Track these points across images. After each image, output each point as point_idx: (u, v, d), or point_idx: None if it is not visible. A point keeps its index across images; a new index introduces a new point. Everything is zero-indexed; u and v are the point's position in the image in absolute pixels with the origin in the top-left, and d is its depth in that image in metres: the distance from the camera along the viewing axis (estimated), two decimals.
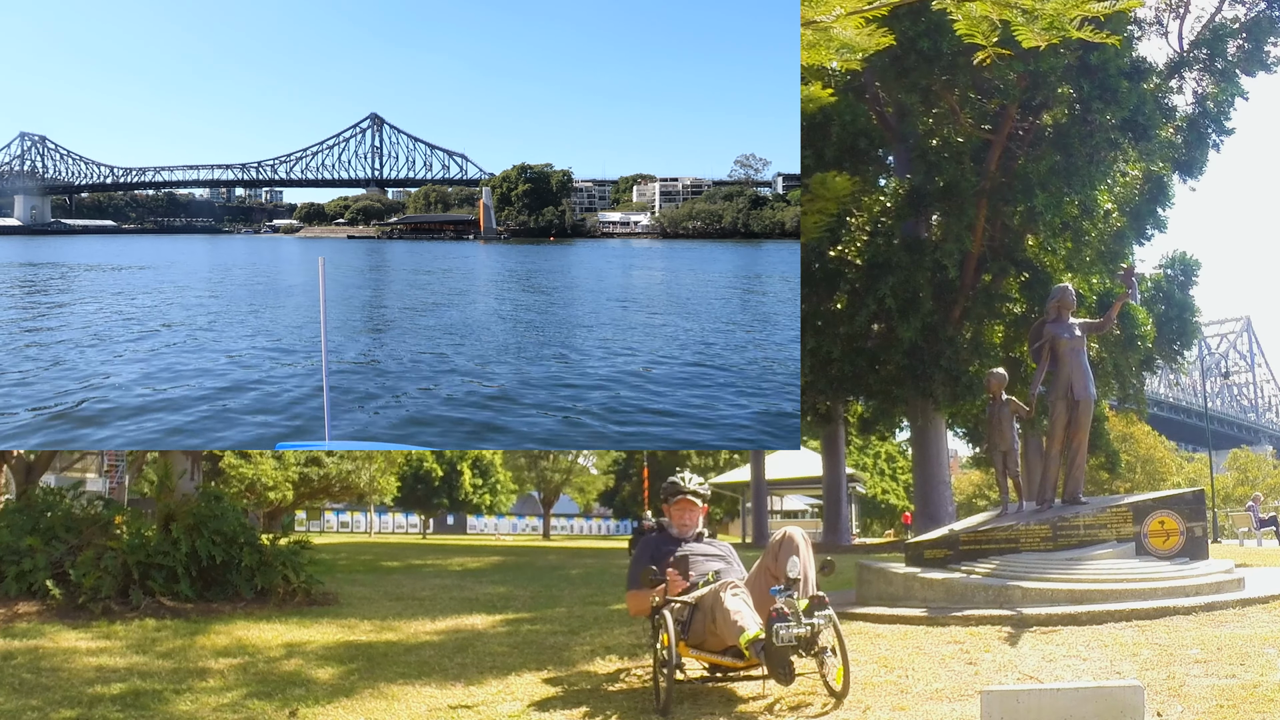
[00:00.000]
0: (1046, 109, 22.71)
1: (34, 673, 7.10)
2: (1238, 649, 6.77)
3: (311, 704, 6.32)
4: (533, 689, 6.78)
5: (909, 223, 24.60)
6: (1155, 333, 25.85)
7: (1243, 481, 75.25)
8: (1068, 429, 10.30)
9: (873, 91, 24.79)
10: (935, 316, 23.80)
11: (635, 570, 6.79)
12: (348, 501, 53.80)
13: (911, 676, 6.59)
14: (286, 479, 35.08)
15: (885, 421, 29.66)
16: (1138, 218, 24.96)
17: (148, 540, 10.47)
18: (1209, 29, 24.93)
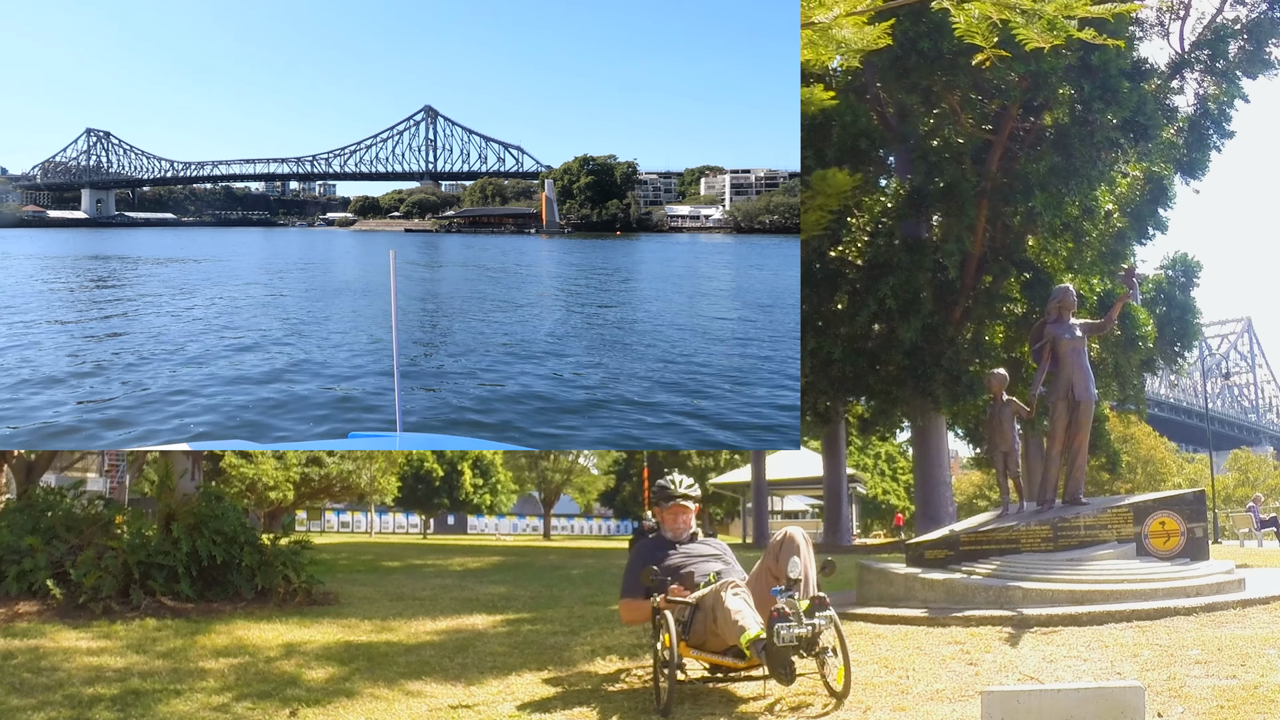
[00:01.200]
0: (1047, 109, 22.70)
1: (34, 672, 7.09)
2: (1238, 650, 6.77)
3: (312, 704, 6.32)
4: (533, 689, 6.79)
5: (909, 223, 24.60)
6: (1156, 333, 25.85)
7: (1243, 482, 75.23)
8: (1068, 430, 10.30)
9: (874, 92, 24.79)
10: (936, 317, 23.80)
11: (631, 577, 6.77)
12: (348, 501, 53.81)
13: (912, 677, 6.59)
14: (287, 479, 35.08)
15: (886, 422, 29.65)
16: (1138, 218, 24.96)
17: (148, 540, 10.48)
18: (1210, 30, 24.94)
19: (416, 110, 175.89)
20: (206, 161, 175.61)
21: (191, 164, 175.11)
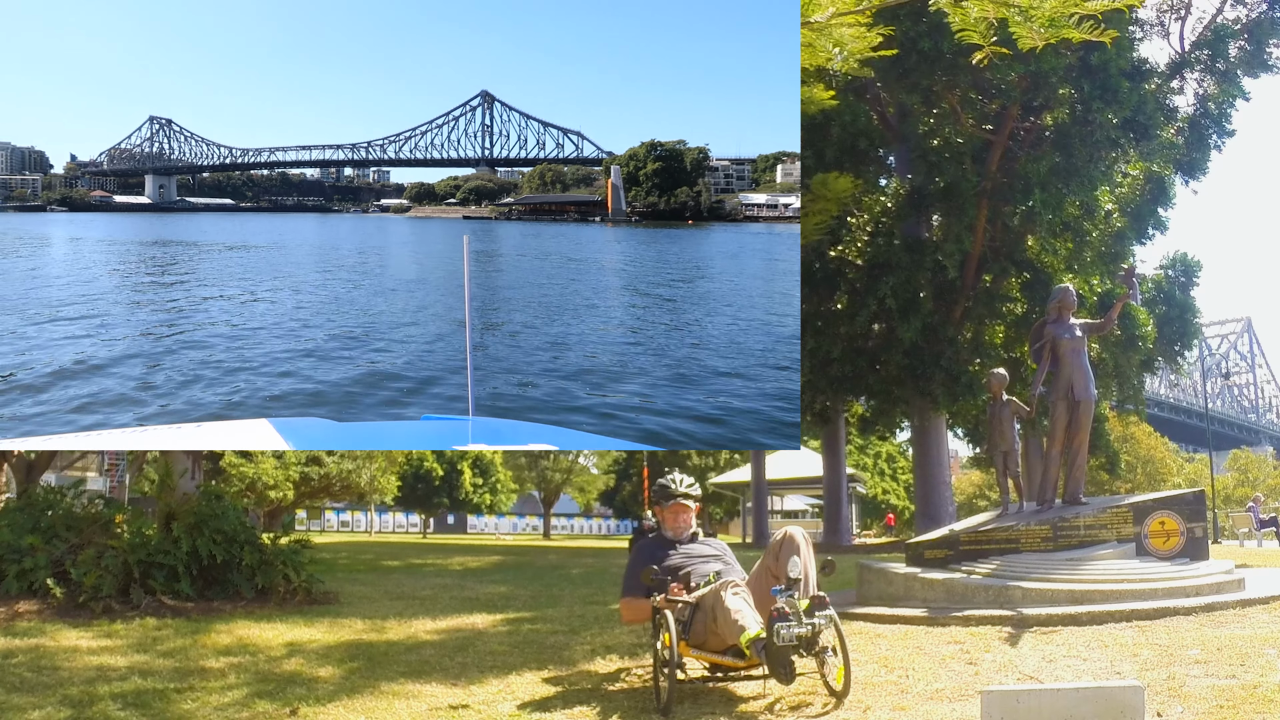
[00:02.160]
0: (1047, 109, 22.69)
1: (35, 671, 7.11)
2: (1238, 650, 6.79)
3: (313, 703, 6.33)
4: (533, 688, 6.80)
5: (909, 223, 24.60)
6: (1156, 333, 25.86)
7: (1243, 482, 75.21)
8: (1068, 430, 10.32)
9: (873, 92, 24.79)
10: (936, 317, 23.80)
11: (632, 576, 6.78)
12: (348, 501, 53.79)
13: (912, 676, 6.60)
14: (287, 478, 35.06)
15: (885, 421, 29.63)
16: (1138, 218, 24.97)
17: (148, 539, 10.50)
18: (1210, 30, 24.90)
19: (473, 96, 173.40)
20: (264, 148, 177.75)
21: (249, 150, 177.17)
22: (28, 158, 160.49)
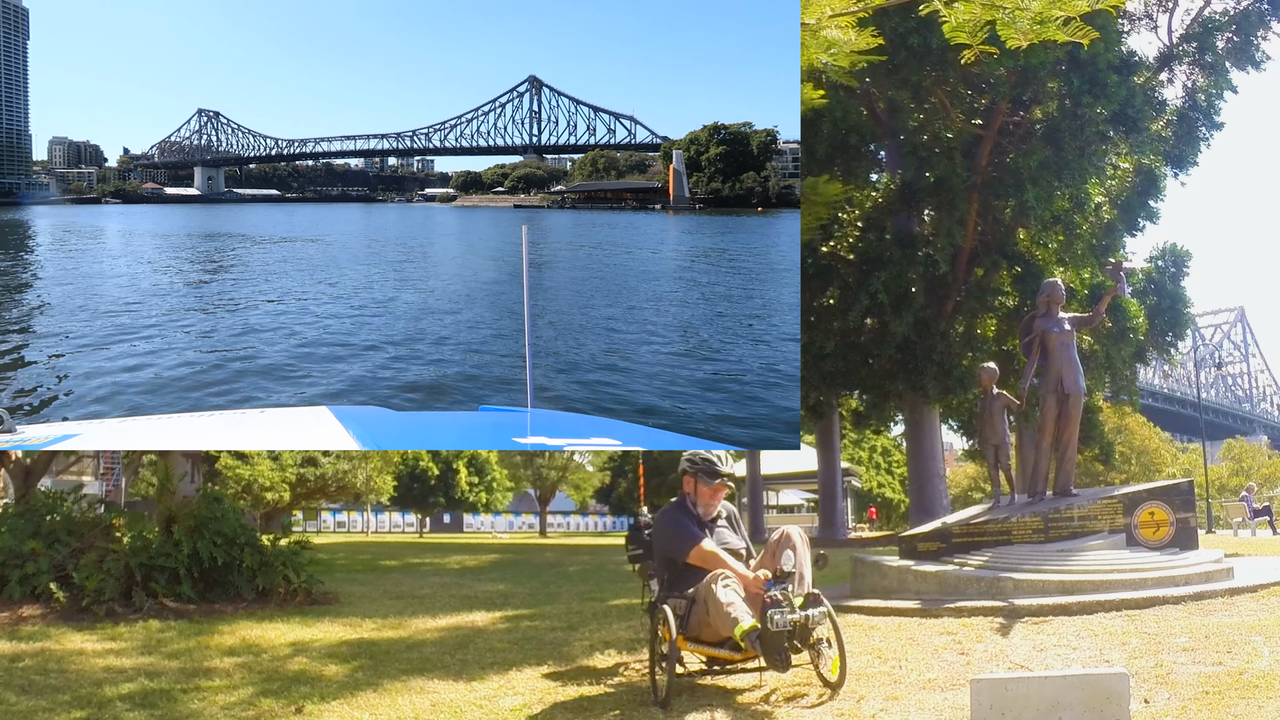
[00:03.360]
0: (1036, 104, 22.82)
1: (43, 674, 7.20)
2: (1225, 637, 6.90)
3: (318, 701, 6.44)
4: (534, 684, 6.90)
5: (900, 218, 24.69)
6: (1147, 325, 25.97)
7: (1237, 472, 75.31)
8: (1058, 422, 10.44)
9: (864, 88, 24.88)
10: (927, 311, 23.92)
11: (685, 534, 6.63)
12: (344, 501, 53.85)
13: (905, 667, 6.72)
14: (283, 480, 35.17)
15: (879, 416, 29.73)
16: (1129, 210, 25.11)
17: (149, 542, 10.58)
18: (1198, 23, 25.01)
19: (520, 81, 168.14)
20: (309, 139, 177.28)
21: (294, 141, 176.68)
22: (84, 151, 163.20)
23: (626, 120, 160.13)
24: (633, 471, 53.29)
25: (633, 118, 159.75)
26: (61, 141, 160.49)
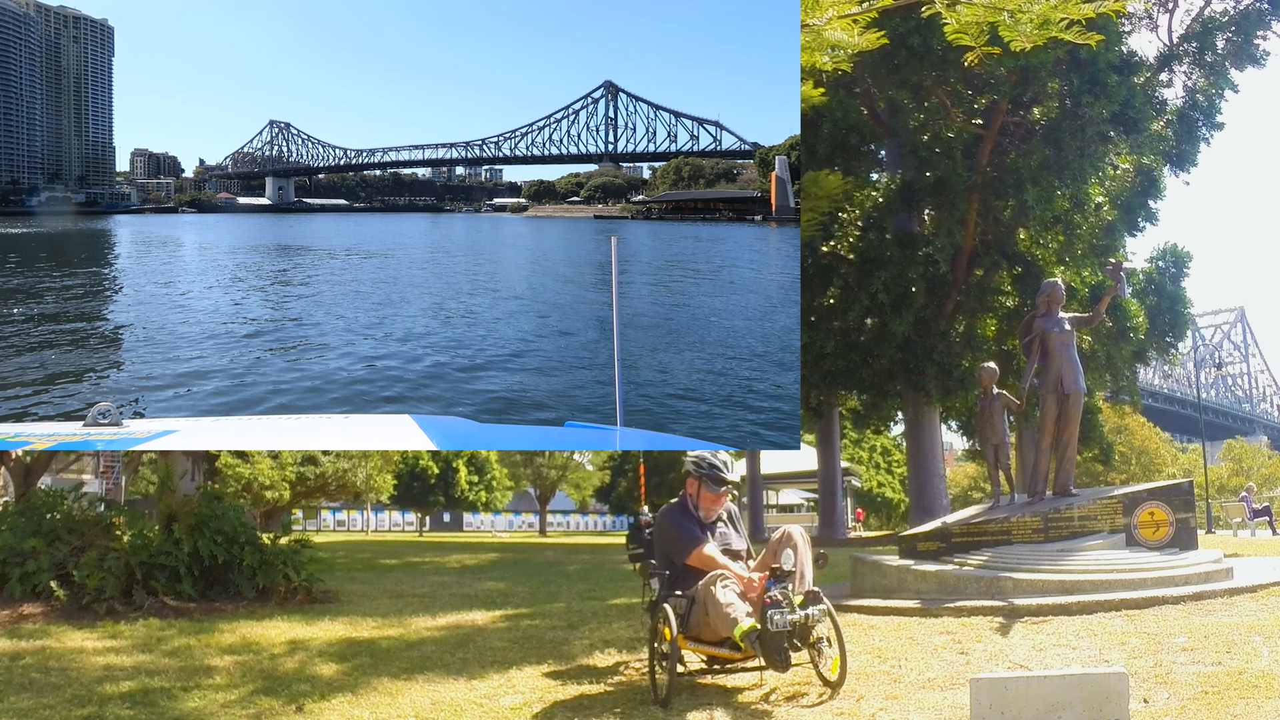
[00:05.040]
0: (1037, 104, 22.84)
1: (43, 672, 7.21)
2: (1224, 637, 6.91)
3: (319, 699, 6.45)
4: (534, 682, 6.91)
5: (901, 217, 24.72)
6: (1147, 325, 25.98)
7: (1237, 472, 75.29)
8: (1058, 422, 10.44)
9: (864, 87, 24.91)
10: (927, 311, 23.95)
11: (689, 533, 6.71)
12: (344, 500, 53.85)
13: (904, 666, 6.73)
14: (283, 478, 35.13)
15: (879, 415, 29.77)
16: (1129, 210, 25.11)
17: (150, 541, 10.59)
18: (1198, 22, 25.03)
19: (595, 87, 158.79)
20: (376, 149, 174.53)
21: (363, 151, 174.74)
22: (162, 163, 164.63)
23: (711, 126, 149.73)
24: (632, 471, 53.30)
25: (718, 123, 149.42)
26: (142, 154, 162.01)
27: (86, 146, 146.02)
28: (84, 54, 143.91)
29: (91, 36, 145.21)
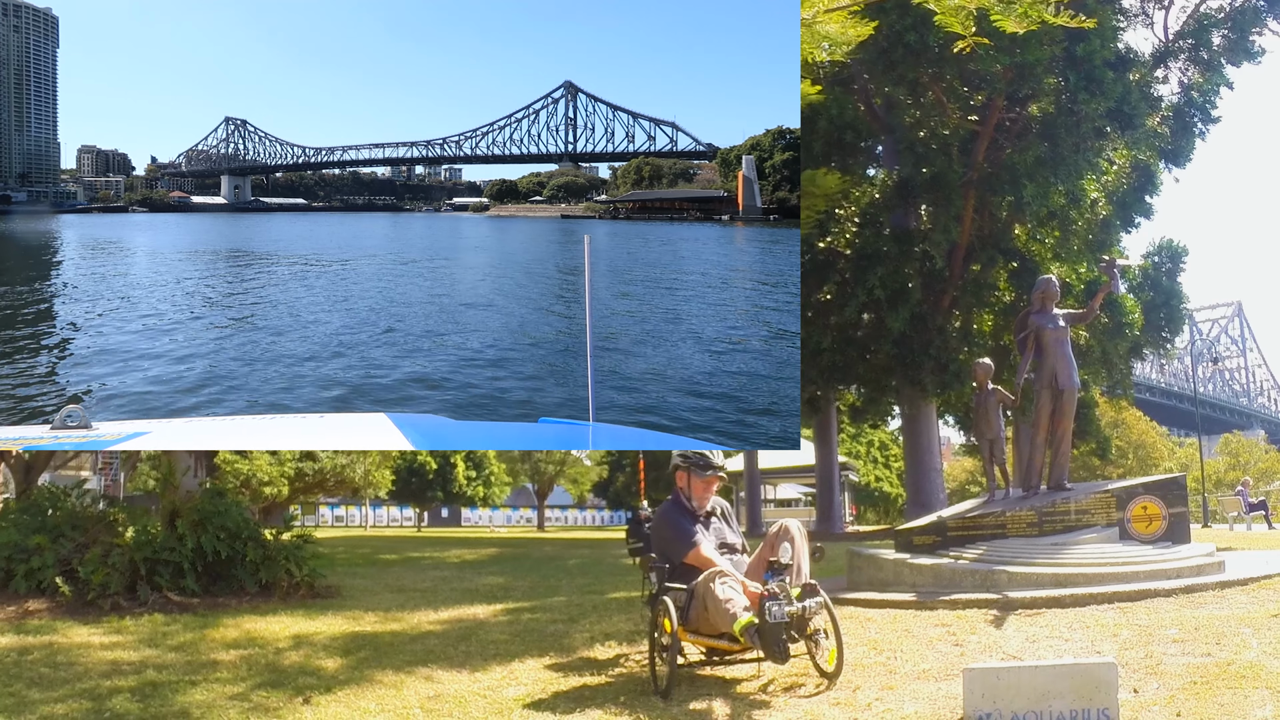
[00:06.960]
0: (1033, 100, 22.88)
1: (50, 667, 7.30)
2: (1214, 629, 7.00)
3: (324, 692, 6.54)
4: (536, 674, 7.01)
5: (897, 214, 24.78)
6: (1143, 320, 26.04)
7: (1234, 466, 75.36)
8: (1053, 417, 10.51)
9: (860, 84, 24.97)
10: (924, 306, 24.03)
11: (685, 533, 6.80)
12: (342, 496, 53.92)
13: (899, 658, 6.83)
14: (282, 474, 35.19)
15: (876, 410, 29.88)
16: (1125, 206, 25.16)
17: (154, 537, 10.68)
18: (1193, 19, 25.09)
19: (555, 87, 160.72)
20: (336, 147, 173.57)
21: (321, 150, 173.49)
22: (112, 160, 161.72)
23: (667, 127, 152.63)
24: (630, 466, 53.38)
25: (674, 124, 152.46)
26: (90, 150, 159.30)
27: (28, 142, 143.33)
28: (25, 44, 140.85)
29: (34, 26, 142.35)
